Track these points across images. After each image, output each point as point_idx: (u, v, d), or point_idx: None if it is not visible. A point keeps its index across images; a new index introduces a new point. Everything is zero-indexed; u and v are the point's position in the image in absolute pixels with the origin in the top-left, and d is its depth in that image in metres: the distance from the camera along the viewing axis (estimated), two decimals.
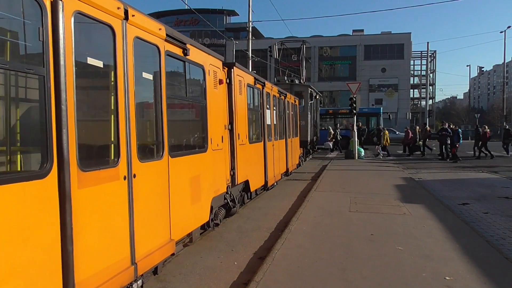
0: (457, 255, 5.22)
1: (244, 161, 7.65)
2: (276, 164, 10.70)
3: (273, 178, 10.26)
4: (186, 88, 5.46)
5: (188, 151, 5.47)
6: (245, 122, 7.85)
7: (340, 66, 57.55)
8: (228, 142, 6.92)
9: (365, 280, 4.41)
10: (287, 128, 12.55)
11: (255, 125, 9.16)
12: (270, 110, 10.17)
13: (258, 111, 9.25)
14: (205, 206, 5.82)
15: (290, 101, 13.24)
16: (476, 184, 12.02)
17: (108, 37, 3.64)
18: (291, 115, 13.37)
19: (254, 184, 8.62)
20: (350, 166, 16.80)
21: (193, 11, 34.14)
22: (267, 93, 9.87)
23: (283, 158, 11.88)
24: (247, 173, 7.95)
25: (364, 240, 5.95)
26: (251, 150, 8.31)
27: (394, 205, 8.48)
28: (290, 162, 13.01)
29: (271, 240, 6.33)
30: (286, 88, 14.94)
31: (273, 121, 10.48)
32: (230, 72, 7.06)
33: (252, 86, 8.61)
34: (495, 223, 7.41)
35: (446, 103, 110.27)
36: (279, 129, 11.38)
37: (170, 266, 5.18)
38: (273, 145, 10.24)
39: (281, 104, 11.91)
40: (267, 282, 4.38)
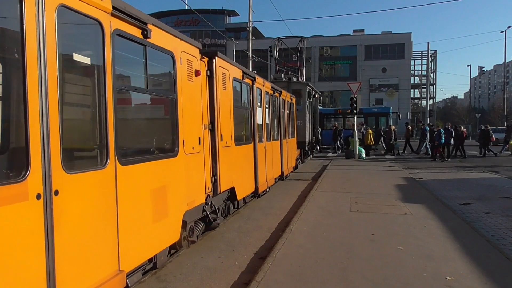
0: (458, 255, 5.22)
1: (228, 165, 6.76)
2: (269, 168, 9.80)
3: (264, 183, 9.27)
4: (147, 79, 4.40)
5: (149, 157, 4.45)
6: (230, 121, 6.93)
7: (340, 66, 57.51)
8: (209, 144, 6.04)
9: (366, 280, 4.41)
10: (282, 128, 11.71)
11: (244, 125, 8.28)
12: (262, 108, 9.26)
13: (247, 109, 8.34)
14: (175, 223, 4.86)
15: (286, 99, 12.40)
16: (477, 184, 12.01)
17: None
18: (286, 114, 12.52)
19: (242, 192, 7.69)
20: (350, 166, 16.79)
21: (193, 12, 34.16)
22: (258, 89, 8.94)
23: (277, 161, 10.97)
24: (233, 179, 7.01)
25: (365, 240, 5.95)
26: (238, 153, 7.39)
27: (395, 205, 8.48)
28: (286, 165, 12.12)
29: (272, 240, 6.33)
30: (283, 86, 14.37)
31: (265, 120, 9.61)
32: (211, 63, 6.12)
33: (240, 81, 7.72)
34: (496, 222, 7.41)
35: (446, 103, 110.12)
36: (272, 129, 10.55)
37: (171, 266, 5.18)
38: (265, 147, 9.35)
39: (275, 102, 11.12)
40: (268, 282, 4.38)
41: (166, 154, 4.73)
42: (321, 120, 29.04)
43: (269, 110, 10.15)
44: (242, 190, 7.65)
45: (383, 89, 54.64)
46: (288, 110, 12.84)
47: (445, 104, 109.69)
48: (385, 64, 54.24)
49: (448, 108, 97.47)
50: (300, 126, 16.41)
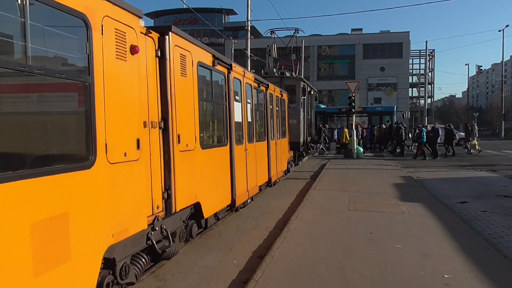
0: (456, 254, 5.24)
1: (191, 175, 5.29)
2: (252, 175, 8.34)
3: (244, 193, 7.78)
4: (27, 50, 2.92)
5: (32, 172, 2.84)
6: (192, 118, 5.40)
7: (339, 65, 57.51)
8: (159, 148, 4.59)
9: (364, 279, 4.43)
10: (271, 128, 10.35)
11: (216, 123, 6.97)
12: (242, 103, 7.87)
13: (221, 104, 6.90)
14: (87, 266, 3.33)
15: (275, 95, 11.03)
16: (474, 183, 12.05)
17: None
18: (275, 112, 11.14)
19: (211, 206, 6.12)
20: (349, 165, 16.81)
21: (191, 11, 34.10)
22: (236, 80, 7.49)
23: (263, 165, 9.56)
24: (198, 192, 5.50)
25: (363, 239, 5.96)
26: (207, 158, 5.90)
27: (393, 204, 8.50)
28: (275, 169, 10.69)
29: (270, 239, 6.34)
30: (275, 81, 13.38)
31: (247, 118, 8.17)
32: (163, 41, 4.68)
33: (209, 68, 6.14)
34: (493, 221, 7.43)
35: (444, 102, 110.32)
36: (257, 128, 9.19)
37: (169, 265, 5.18)
38: (245, 149, 7.92)
39: (261, 97, 9.74)
40: (266, 281, 4.39)
41: (70, 166, 3.21)
42: (325, 119, 29.00)
43: (252, 106, 8.68)
44: (211, 204, 6.11)
45: (382, 88, 54.67)
46: (278, 106, 11.49)
47: (443, 103, 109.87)
48: (383, 63, 54.25)
49: (446, 107, 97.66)
50: (294, 125, 15.13)
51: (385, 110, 30.35)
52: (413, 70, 64.24)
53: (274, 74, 15.67)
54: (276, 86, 11.51)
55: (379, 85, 54.92)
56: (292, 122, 14.85)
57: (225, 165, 6.79)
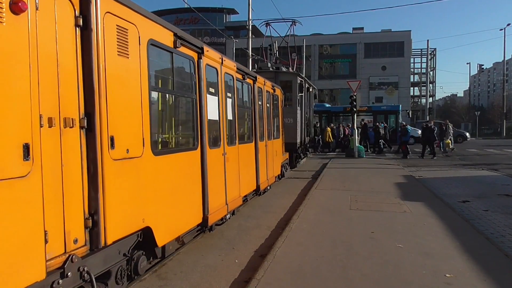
0: (457, 253, 5.24)
1: (135, 191, 3.94)
2: (233, 183, 6.93)
3: (222, 207, 6.30)
4: None
5: None
6: (137, 114, 4.01)
7: (340, 64, 57.44)
8: (79, 155, 3.33)
9: (366, 278, 4.43)
10: (260, 127, 9.04)
11: (180, 122, 5.93)
12: (220, 97, 6.41)
13: (188, 97, 5.57)
14: None
15: (265, 89, 9.69)
16: (476, 182, 12.04)
17: None
18: (266, 109, 9.82)
19: (171, 230, 4.71)
20: (350, 164, 16.81)
21: (193, 10, 34.11)
22: (210, 68, 6.00)
23: (249, 171, 8.16)
24: (148, 213, 4.12)
25: (365, 238, 5.97)
26: (163, 167, 4.51)
27: (394, 203, 8.50)
28: (264, 175, 9.25)
29: (272, 238, 6.35)
30: (270, 77, 12.42)
31: (226, 115, 6.72)
32: (88, 4, 3.37)
33: (169, 49, 4.76)
34: (495, 220, 7.43)
35: (446, 101, 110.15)
36: (241, 128, 8.06)
37: (171, 264, 5.20)
38: (224, 153, 6.45)
39: (248, 91, 8.42)
40: (268, 280, 4.40)
41: None
42: (330, 119, 28.92)
43: (235, 101, 7.28)
44: (170, 227, 4.66)
45: (383, 87, 54.61)
46: (269, 103, 10.23)
47: (445, 102, 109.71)
48: (384, 62, 54.18)
49: (447, 106, 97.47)
50: (289, 124, 13.99)
51: (390, 109, 30.24)
52: (415, 69, 64.19)
53: (268, 69, 14.59)
54: (270, 81, 10.52)
55: (381, 84, 54.85)
56: (288, 121, 13.83)
57: (193, 174, 5.33)
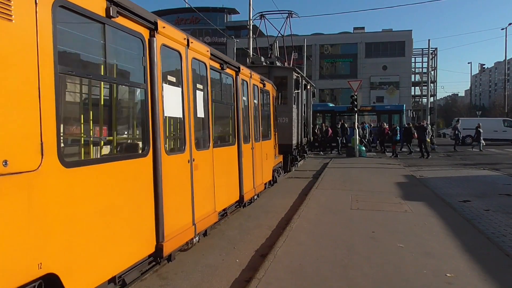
0: (458, 252, 5.24)
1: (22, 224, 2.63)
2: (205, 197, 5.62)
3: (187, 230, 4.98)
4: None
5: None
6: (29, 105, 2.71)
7: (341, 64, 57.37)
8: None
9: (366, 277, 4.43)
10: (246, 127, 7.92)
11: (119, 119, 5.02)
12: (184, 89, 5.03)
13: (132, 87, 4.54)
14: None
15: (252, 83, 8.38)
16: (477, 182, 12.03)
17: None
18: (253, 106, 8.53)
19: (97, 273, 3.36)
20: (351, 164, 16.80)
21: (193, 10, 34.12)
22: (168, 49, 4.66)
23: (229, 180, 6.94)
24: (49, 255, 2.82)
25: (366, 237, 5.97)
26: (85, 185, 3.25)
27: (395, 203, 8.50)
28: (250, 183, 8.07)
29: (273, 237, 6.36)
30: (263, 72, 11.49)
31: (195, 111, 5.33)
32: None
33: (98, 19, 3.46)
34: (496, 220, 7.42)
35: (447, 101, 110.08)
36: (217, 128, 6.96)
37: (172, 264, 5.20)
38: (190, 160, 5.10)
39: (227, 83, 7.23)
40: (269, 280, 4.40)
41: None
42: (334, 118, 28.82)
43: (207, 94, 5.88)
44: (95, 270, 3.34)
45: (384, 86, 54.54)
46: (257, 99, 8.93)
47: (446, 101, 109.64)
48: (385, 61, 54.11)
49: (449, 105, 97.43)
50: (284, 124, 12.92)
51: (394, 108, 30.01)
52: (416, 69, 64.06)
53: (261, 64, 13.30)
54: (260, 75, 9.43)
55: (382, 84, 54.79)
56: (283, 120, 12.87)
57: (140, 189, 4.04)
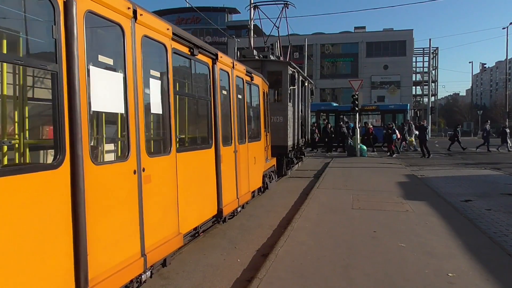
0: (460, 252, 5.23)
1: None
2: (165, 216, 4.46)
3: (131, 265, 3.73)
4: None
5: None
6: None
7: (342, 63, 57.34)
8: None
9: (368, 277, 4.43)
10: (224, 126, 6.55)
11: (32, 116, 4.04)
12: (127, 75, 3.84)
13: (41, 70, 3.51)
14: None
15: (234, 75, 7.12)
16: (479, 181, 12.01)
17: None
18: (236, 102, 7.19)
19: None
20: (352, 163, 16.79)
21: (194, 9, 34.11)
22: (100, 20, 3.53)
23: (206, 191, 5.76)
24: None
25: (367, 237, 5.96)
26: None
27: (396, 202, 8.49)
28: (232, 193, 6.84)
29: (274, 237, 6.35)
30: (256, 67, 10.67)
31: (138, 105, 3.96)
32: None
33: None
34: (498, 219, 7.41)
35: (448, 100, 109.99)
36: (181, 126, 5.82)
37: (174, 263, 5.20)
38: (138, 170, 3.91)
39: (199, 73, 6.08)
40: (270, 279, 4.40)
41: None
42: (337, 118, 28.72)
43: (168, 86, 4.63)
44: None
45: (385, 86, 54.51)
46: (243, 94, 7.78)
47: (447, 101, 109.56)
48: (386, 61, 54.07)
49: (450, 105, 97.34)
50: (279, 123, 11.97)
51: (398, 108, 29.88)
52: (417, 68, 64.02)
53: (253, 57, 12.31)
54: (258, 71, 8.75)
55: (383, 83, 54.76)
56: (277, 119, 11.97)
57: (45, 222, 2.85)
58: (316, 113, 29.34)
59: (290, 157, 13.28)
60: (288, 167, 13.41)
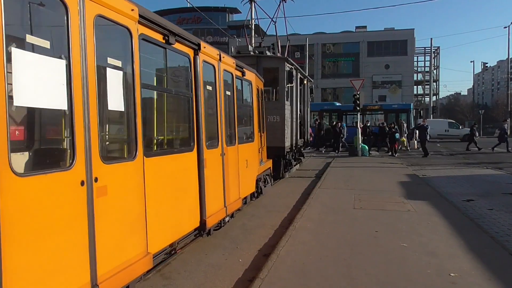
0: (462, 252, 5.22)
1: None
2: (128, 235, 3.70)
3: None
4: None
5: None
6: None
7: (343, 63, 57.32)
8: None
9: (369, 277, 4.42)
10: (208, 126, 5.75)
11: None
12: (73, 62, 3.02)
13: None
14: None
15: (221, 68, 6.33)
16: (480, 181, 11.98)
17: None
18: (223, 99, 6.41)
19: None
20: (354, 163, 16.78)
21: (195, 9, 34.11)
22: None
23: (185, 201, 5.06)
24: None
25: (369, 237, 5.95)
26: None
27: (398, 202, 8.48)
28: (218, 202, 6.10)
29: (276, 237, 6.35)
30: (251, 63, 10.00)
31: (89, 100, 3.18)
32: None
33: None
34: (500, 219, 7.39)
35: (450, 100, 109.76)
36: (150, 126, 5.06)
37: (175, 263, 5.20)
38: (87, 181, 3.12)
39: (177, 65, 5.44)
40: (272, 279, 4.39)
41: None
42: (340, 117, 28.63)
43: (132, 77, 3.87)
44: None
45: (386, 85, 54.47)
46: (232, 91, 6.98)
47: (449, 100, 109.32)
48: (388, 60, 54.03)
49: (451, 104, 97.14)
50: (275, 123, 11.35)
51: (401, 107, 29.76)
52: (418, 68, 63.93)
53: (248, 53, 11.70)
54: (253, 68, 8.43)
55: (384, 83, 54.71)
56: (274, 119, 11.39)
57: None
58: (319, 112, 29.40)
59: (288, 158, 12.81)
60: (286, 170, 12.88)
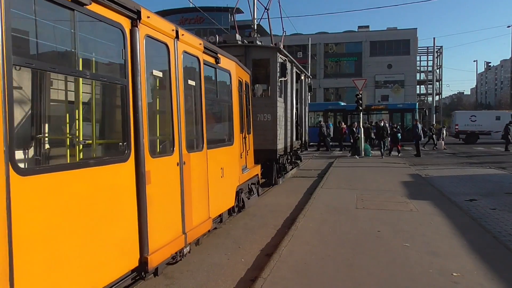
0: (464, 251, 5.22)
1: None
2: None
3: None
4: None
5: None
6: None
7: (345, 63, 57.21)
8: None
9: (372, 277, 4.43)
10: (160, 126, 4.78)
11: None
12: None
13: None
14: None
15: (179, 49, 4.77)
16: (483, 180, 11.95)
17: None
18: (182, 89, 4.84)
19: None
20: (356, 163, 16.77)
21: (198, 10, 34.17)
22: None
23: (113, 234, 3.44)
24: None
25: (371, 236, 5.95)
26: None
27: (401, 202, 8.47)
28: (172, 230, 4.52)
29: (278, 237, 6.36)
30: (239, 54, 9.06)
31: None
32: None
33: None
34: (502, 219, 7.38)
35: (453, 99, 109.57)
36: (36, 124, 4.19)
37: (178, 263, 5.22)
38: None
39: (107, 39, 4.08)
40: (274, 279, 4.40)
41: None
42: (345, 117, 28.54)
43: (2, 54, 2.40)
44: None
45: (389, 85, 54.32)
46: (197, 80, 5.43)
47: (452, 100, 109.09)
48: (390, 60, 53.89)
49: (454, 104, 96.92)
50: (266, 123, 10.10)
51: (407, 107, 29.64)
52: (421, 67, 63.74)
53: (235, 43, 10.40)
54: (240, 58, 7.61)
55: (386, 83, 54.57)
56: (264, 118, 10.10)
57: None
58: (323, 112, 29.50)
59: (281, 162, 11.47)
60: (280, 175, 11.52)
